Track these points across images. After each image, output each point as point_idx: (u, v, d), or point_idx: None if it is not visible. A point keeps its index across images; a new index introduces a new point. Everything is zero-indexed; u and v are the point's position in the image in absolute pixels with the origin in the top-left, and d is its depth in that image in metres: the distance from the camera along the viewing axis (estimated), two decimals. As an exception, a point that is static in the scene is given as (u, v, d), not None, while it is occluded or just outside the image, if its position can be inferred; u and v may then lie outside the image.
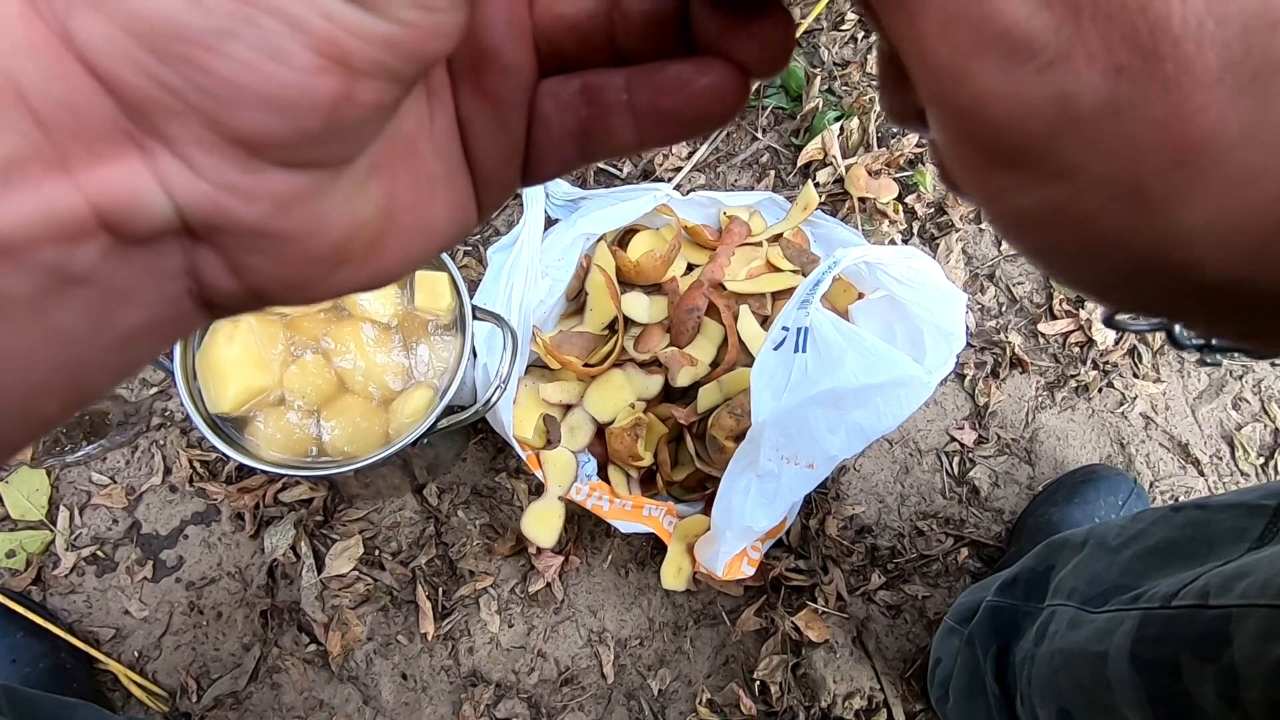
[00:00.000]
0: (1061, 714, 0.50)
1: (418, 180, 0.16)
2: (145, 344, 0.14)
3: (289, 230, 0.14)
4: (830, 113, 0.94)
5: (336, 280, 0.15)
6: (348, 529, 0.83)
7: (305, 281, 0.15)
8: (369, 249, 0.15)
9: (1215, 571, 0.42)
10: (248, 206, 0.13)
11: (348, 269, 0.15)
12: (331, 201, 0.14)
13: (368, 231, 0.15)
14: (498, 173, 0.17)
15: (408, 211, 0.16)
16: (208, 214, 0.13)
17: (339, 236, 0.15)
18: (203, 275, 0.14)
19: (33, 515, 0.81)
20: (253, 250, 0.14)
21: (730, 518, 0.68)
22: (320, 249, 0.14)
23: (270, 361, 0.64)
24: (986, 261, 0.94)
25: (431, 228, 0.16)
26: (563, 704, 0.80)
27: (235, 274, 0.14)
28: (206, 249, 0.14)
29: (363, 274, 0.16)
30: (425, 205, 0.16)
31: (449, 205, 0.17)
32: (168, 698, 0.79)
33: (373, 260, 0.16)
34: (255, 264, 0.14)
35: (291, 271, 0.14)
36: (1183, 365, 0.93)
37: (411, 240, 0.16)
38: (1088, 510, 0.80)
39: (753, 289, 0.79)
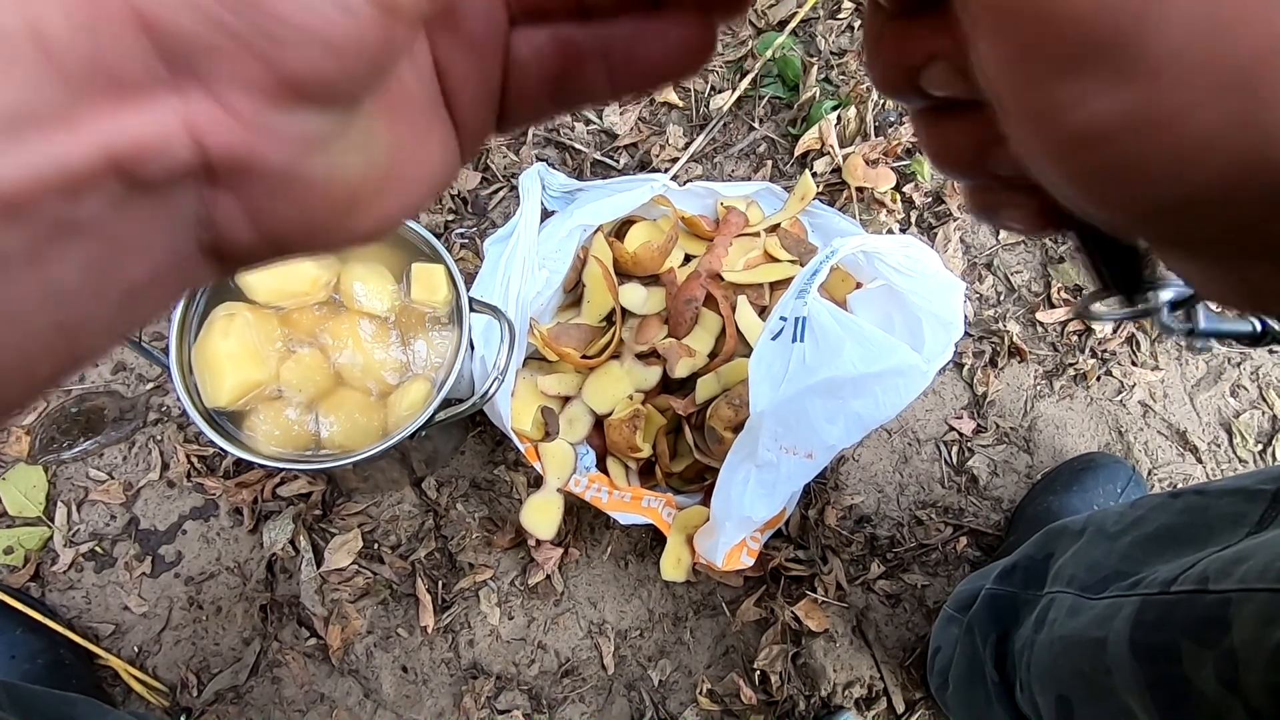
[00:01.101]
0: (1061, 701, 0.51)
1: (414, 124, 0.16)
2: (148, 299, 0.14)
3: (312, 173, 0.14)
4: (827, 102, 0.94)
5: (349, 226, 0.15)
6: (346, 523, 0.83)
7: (322, 228, 0.15)
8: (376, 193, 0.16)
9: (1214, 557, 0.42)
10: (278, 148, 0.13)
11: (359, 214, 0.15)
12: (348, 144, 0.14)
13: (377, 174, 0.15)
14: (476, 117, 0.17)
15: (408, 154, 0.16)
16: (238, 156, 0.13)
17: (355, 178, 0.15)
18: (219, 224, 0.14)
19: (30, 512, 0.81)
20: (276, 195, 0.14)
21: (729, 508, 0.68)
22: (338, 192, 0.15)
23: (267, 355, 0.63)
24: (984, 250, 0.94)
25: (428, 172, 0.17)
26: (563, 695, 0.80)
27: (254, 222, 0.14)
28: (227, 195, 0.13)
29: (370, 220, 0.16)
30: (422, 149, 0.16)
31: (441, 146, 0.17)
32: (168, 692, 0.79)
33: (379, 205, 0.16)
34: (278, 210, 0.14)
35: (311, 217, 0.14)
36: (1180, 353, 0.93)
37: (411, 185, 0.16)
38: (1086, 498, 0.80)
39: (750, 279, 0.78)
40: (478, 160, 0.93)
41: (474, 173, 0.92)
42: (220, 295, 0.64)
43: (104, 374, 0.86)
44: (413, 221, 0.67)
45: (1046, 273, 0.94)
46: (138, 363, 0.87)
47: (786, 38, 0.96)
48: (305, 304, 0.66)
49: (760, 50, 0.96)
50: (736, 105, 0.96)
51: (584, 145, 0.94)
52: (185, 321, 0.63)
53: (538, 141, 0.94)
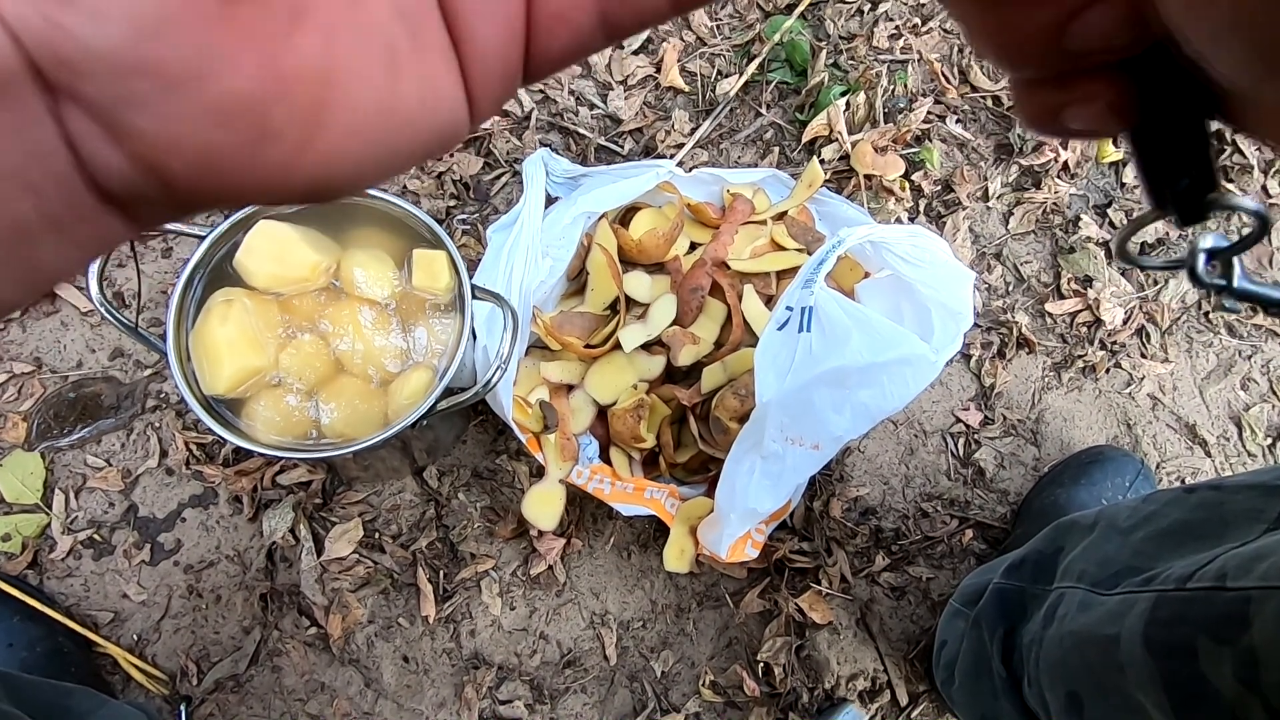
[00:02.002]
0: (1071, 697, 0.50)
1: (369, 44, 0.12)
2: (48, 245, 0.12)
3: (165, 66, 0.11)
4: (836, 87, 0.92)
5: (266, 164, 0.12)
6: (347, 512, 0.82)
7: (214, 155, 0.12)
8: (306, 124, 0.12)
9: (1232, 553, 0.41)
10: (95, 26, 0.10)
11: (279, 149, 0.12)
12: (229, 37, 0.11)
13: (299, 97, 0.12)
14: (492, 49, 0.13)
15: (359, 84, 0.12)
16: (46, 39, 0.10)
17: (247, 88, 0.11)
18: (81, 145, 0.11)
19: (28, 499, 0.81)
20: (123, 98, 0.11)
21: (734, 500, 0.67)
22: (222, 103, 0.11)
23: (266, 342, 0.62)
24: (994, 240, 0.93)
25: (397, 110, 0.13)
26: (565, 686, 0.80)
27: (116, 140, 0.11)
28: (71, 105, 0.11)
29: (306, 159, 0.12)
30: (385, 81, 0.13)
31: (422, 87, 0.13)
32: (168, 681, 0.78)
33: (316, 144, 0.12)
34: (134, 122, 0.11)
35: (189, 136, 0.11)
36: (1191, 345, 0.92)
37: (369, 121, 0.13)
38: (1094, 491, 0.79)
39: (757, 268, 0.77)
40: (480, 145, 0.92)
41: (476, 158, 0.91)
42: (218, 281, 0.63)
43: (101, 360, 0.85)
44: (413, 207, 0.65)
45: (1056, 263, 0.92)
46: (135, 349, 0.86)
47: (795, 21, 0.94)
48: (305, 290, 0.65)
49: (768, 34, 0.94)
50: (743, 90, 0.94)
51: (588, 130, 0.92)
52: (183, 307, 0.62)
53: (541, 126, 0.93)
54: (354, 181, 0.13)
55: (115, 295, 0.87)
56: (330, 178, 0.13)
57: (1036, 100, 0.16)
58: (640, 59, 0.95)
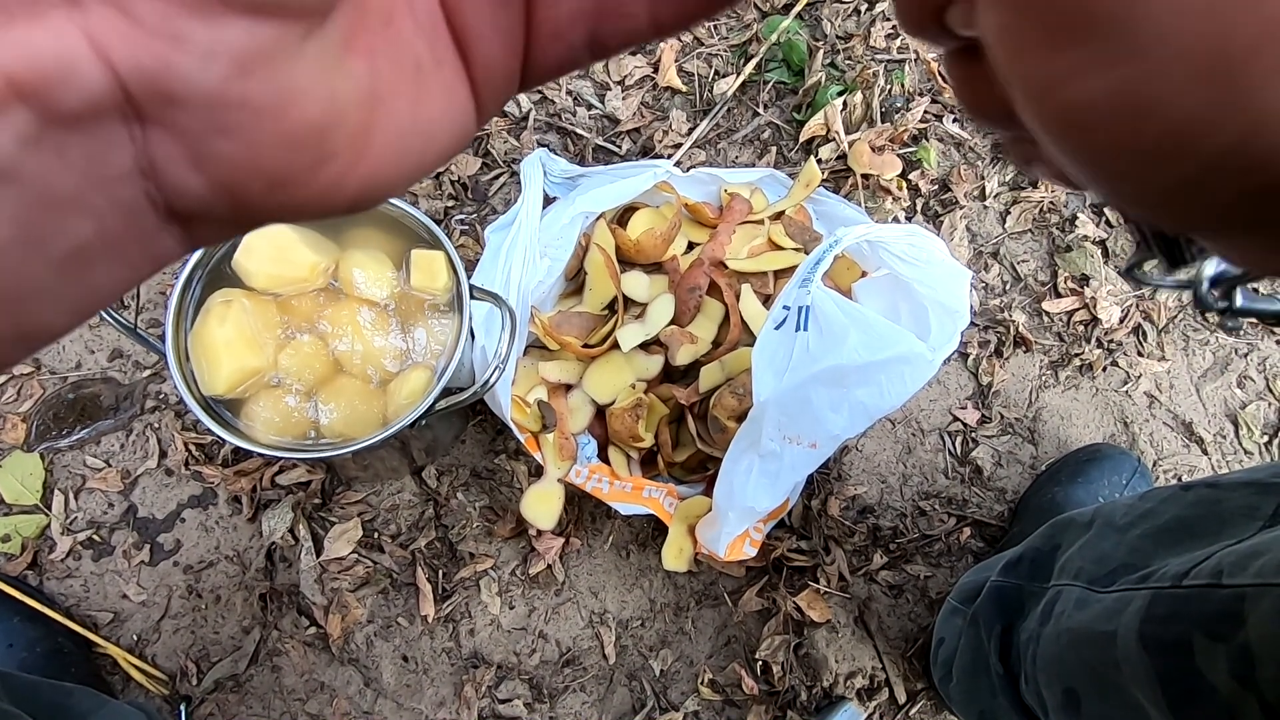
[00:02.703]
0: (1068, 694, 0.50)
1: (402, 64, 0.14)
2: (102, 266, 0.12)
3: (255, 98, 0.12)
4: (833, 87, 0.92)
5: (324, 178, 0.13)
6: (346, 512, 0.82)
7: (286, 175, 0.13)
8: (356, 142, 0.13)
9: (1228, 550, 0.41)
10: (203, 65, 0.11)
11: (335, 165, 0.13)
12: (303, 70, 0.12)
13: (352, 117, 0.13)
14: (496, 62, 0.15)
15: (397, 101, 0.14)
16: (153, 76, 0.11)
17: (317, 114, 0.13)
18: (160, 169, 0.12)
19: (27, 499, 0.81)
20: (215, 128, 0.12)
21: (732, 499, 0.67)
22: (297, 128, 0.12)
23: (264, 343, 0.63)
24: (991, 239, 0.93)
25: (428, 126, 0.15)
26: (564, 685, 0.80)
27: (199, 165, 0.12)
28: (159, 132, 0.12)
29: (355, 175, 0.14)
30: (417, 96, 0.14)
31: (444, 98, 0.15)
32: (167, 681, 0.78)
33: (364, 158, 0.14)
34: (221, 148, 0.12)
35: (267, 159, 0.12)
36: (1187, 343, 0.92)
37: (406, 138, 0.14)
38: (1091, 489, 0.79)
39: (754, 267, 0.78)
40: (477, 145, 0.92)
41: (474, 158, 0.91)
42: (217, 281, 0.63)
43: (100, 361, 0.85)
44: (411, 207, 0.66)
45: (1053, 262, 0.93)
46: (134, 349, 0.86)
47: (792, 21, 0.95)
48: (304, 290, 0.65)
49: (765, 34, 0.95)
50: (741, 90, 0.94)
51: (586, 130, 0.93)
52: (182, 308, 0.62)
53: (539, 126, 0.93)
54: (390, 191, 0.15)
55: (114, 296, 0.87)
56: (373, 190, 0.14)
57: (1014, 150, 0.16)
58: (638, 59, 0.95)
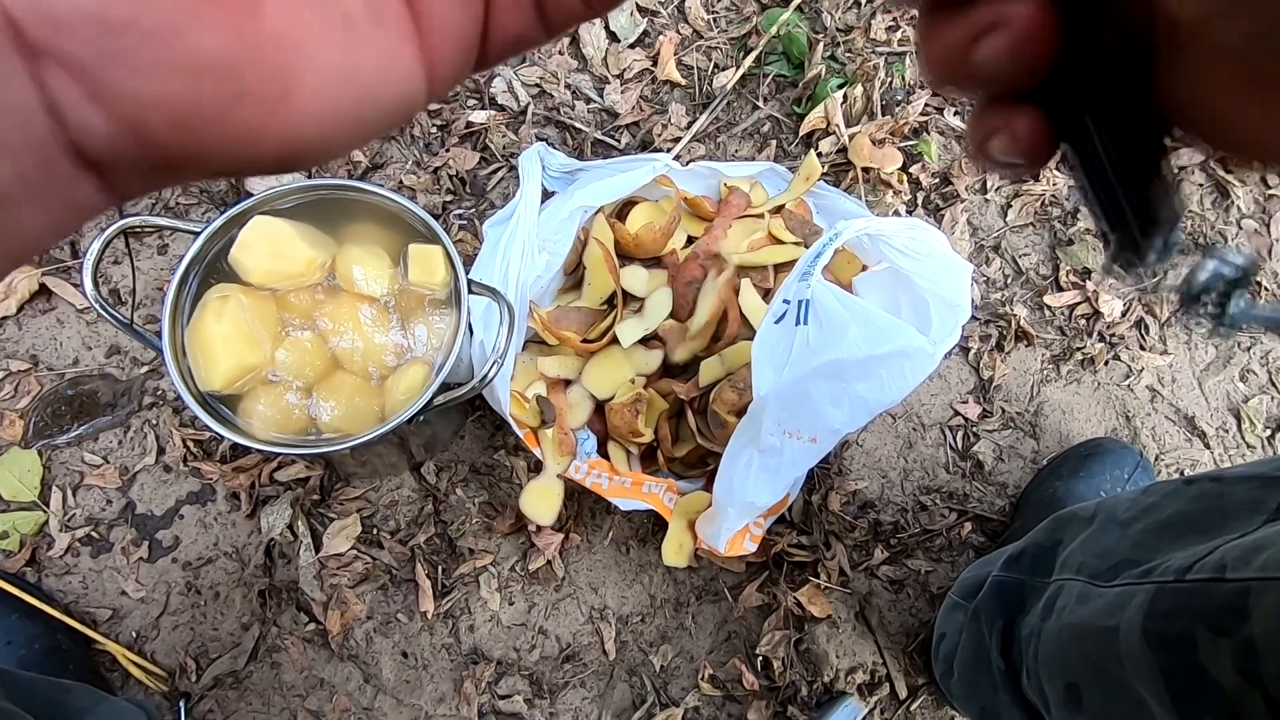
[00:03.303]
0: (1070, 689, 0.50)
1: (328, 13, 0.13)
2: (24, 211, 0.12)
3: (144, 19, 0.11)
4: (833, 80, 0.92)
5: (238, 121, 0.13)
6: (345, 508, 0.82)
7: (191, 111, 0.12)
8: (277, 86, 0.13)
9: (1232, 544, 0.41)
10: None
11: (250, 107, 0.13)
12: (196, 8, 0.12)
13: (268, 59, 0.13)
14: (452, 29, 0.15)
15: (325, 51, 0.13)
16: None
17: (220, 45, 0.12)
18: (61, 107, 0.12)
19: (25, 496, 0.80)
20: (105, 53, 0.11)
21: (732, 494, 0.67)
22: (196, 57, 0.12)
23: (261, 338, 0.62)
24: (992, 233, 0.92)
25: (359, 78, 0.14)
26: (564, 681, 0.80)
27: (96, 98, 0.12)
28: (53, 65, 0.11)
29: (275, 120, 0.13)
30: (348, 50, 0.14)
31: (382, 57, 0.14)
32: (167, 677, 0.78)
33: (285, 103, 0.13)
34: (115, 78, 0.11)
35: (167, 89, 0.12)
36: (1190, 337, 0.91)
37: (336, 92, 0.14)
38: (1093, 484, 0.79)
39: (754, 260, 0.77)
40: (476, 139, 0.92)
41: (472, 152, 0.91)
42: (214, 277, 0.63)
43: (98, 357, 0.85)
44: (409, 202, 0.65)
45: (1055, 255, 0.92)
46: (131, 346, 0.86)
47: (792, 14, 0.94)
48: (301, 286, 0.64)
49: (765, 27, 0.94)
50: (740, 83, 0.94)
51: (584, 124, 0.92)
52: (178, 303, 0.62)
53: (537, 120, 0.92)
54: (322, 147, 0.14)
55: (111, 292, 0.86)
56: (299, 140, 0.14)
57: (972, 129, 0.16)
58: (636, 52, 0.95)
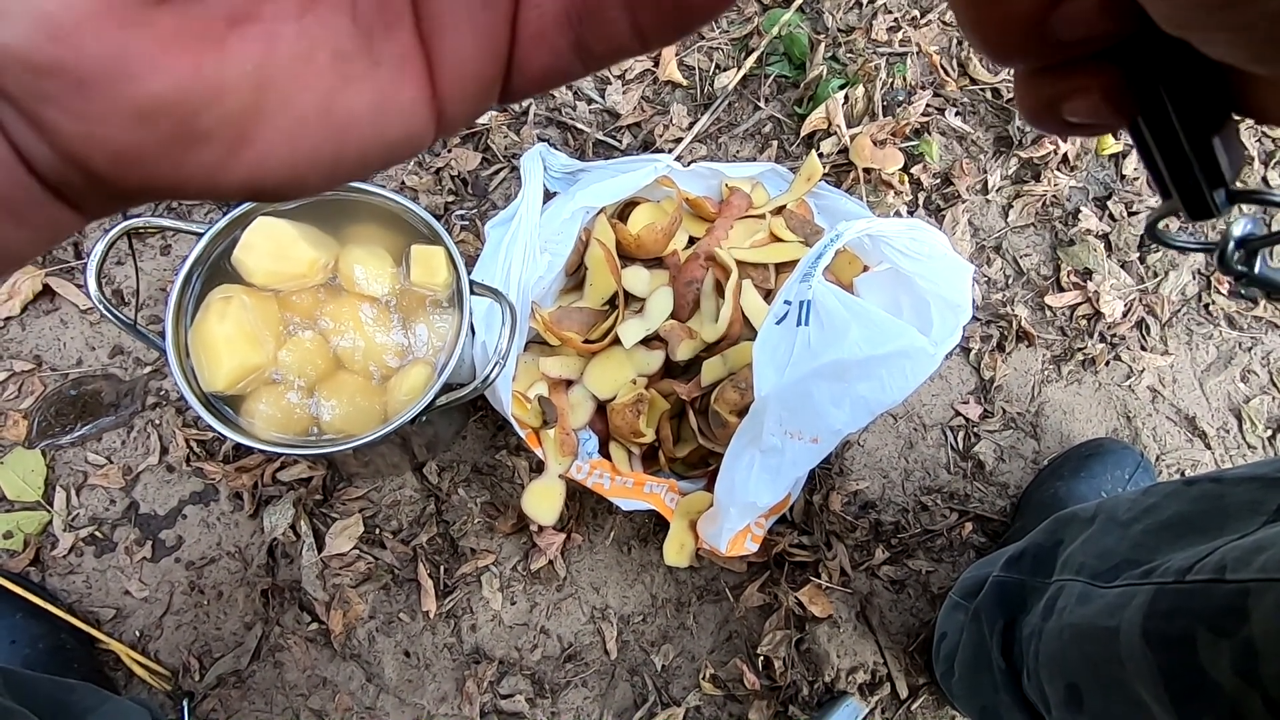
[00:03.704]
0: (1070, 689, 0.50)
1: (315, 52, 0.13)
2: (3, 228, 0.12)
3: (77, 67, 0.11)
4: (834, 81, 0.92)
5: (194, 165, 0.12)
6: (347, 508, 0.82)
7: (135, 153, 0.12)
8: (238, 130, 0.12)
9: (1232, 545, 0.41)
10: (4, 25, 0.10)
11: (208, 151, 0.12)
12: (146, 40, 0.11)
13: (231, 102, 0.12)
14: (467, 65, 0.14)
15: (299, 91, 0.13)
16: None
17: (166, 92, 0.11)
18: (11, 133, 0.11)
19: (29, 496, 0.81)
20: (40, 96, 0.11)
21: (733, 494, 0.67)
22: (138, 104, 0.11)
23: (264, 339, 0.62)
24: (993, 233, 0.92)
25: (342, 122, 0.13)
26: (566, 680, 0.80)
27: (40, 132, 0.11)
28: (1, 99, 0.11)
29: (236, 165, 0.13)
30: (329, 89, 0.13)
31: (374, 96, 0.13)
32: (170, 677, 0.79)
33: (250, 149, 0.13)
34: (53, 119, 0.11)
35: (107, 135, 0.11)
36: (1191, 337, 0.91)
37: (307, 133, 0.13)
38: (1094, 484, 0.79)
39: (756, 258, 0.77)
40: (478, 140, 0.92)
41: (474, 153, 0.91)
42: (217, 277, 0.63)
43: (101, 358, 0.85)
44: (411, 202, 0.65)
45: (1056, 256, 0.92)
46: (135, 346, 0.86)
47: (793, 14, 0.94)
48: (303, 286, 0.65)
49: (766, 27, 0.94)
50: (742, 84, 0.94)
51: (586, 125, 0.92)
52: (181, 304, 0.62)
53: (539, 121, 0.93)
54: (293, 184, 0.13)
55: (114, 293, 0.87)
56: (265, 179, 0.13)
57: (1034, 94, 0.16)
58: (638, 53, 0.95)
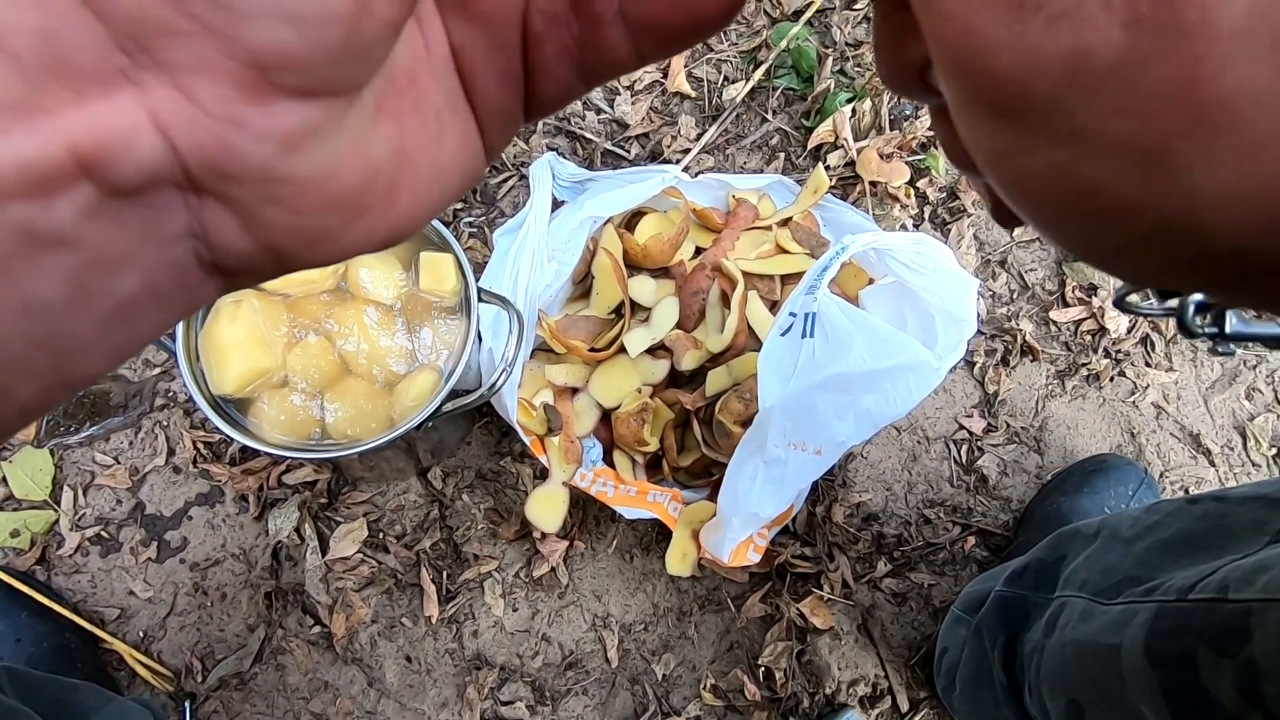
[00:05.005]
0: (1071, 705, 0.50)
1: (425, 118, 0.15)
2: (145, 316, 0.13)
3: (302, 173, 0.13)
4: (842, 94, 0.92)
5: (356, 233, 0.14)
6: (352, 512, 0.83)
7: (324, 235, 0.14)
8: (386, 196, 0.15)
9: (1234, 565, 0.41)
10: (256, 144, 0.12)
11: (367, 219, 0.14)
12: (343, 140, 0.13)
13: (384, 175, 0.14)
14: (500, 103, 0.16)
15: (420, 152, 0.15)
16: (211, 154, 0.12)
17: (355, 180, 0.14)
18: (211, 233, 0.13)
19: (36, 495, 0.81)
20: (265, 198, 0.13)
21: (737, 504, 0.67)
22: (337, 194, 0.13)
23: (273, 343, 0.63)
24: (998, 247, 0.93)
25: (444, 170, 0.16)
26: (567, 688, 0.80)
27: (248, 229, 0.13)
28: (212, 201, 0.12)
29: (382, 225, 0.15)
30: (436, 145, 0.15)
31: (459, 144, 0.16)
32: (173, 678, 0.79)
33: (391, 209, 0.15)
34: (269, 215, 0.13)
35: (309, 223, 0.13)
36: (1195, 354, 0.91)
37: (426, 185, 0.15)
38: (1097, 500, 0.79)
39: (762, 270, 0.78)
40: (487, 149, 0.92)
41: (483, 161, 0.92)
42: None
43: (111, 359, 0.86)
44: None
45: (1061, 271, 0.93)
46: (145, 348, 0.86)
47: (801, 28, 0.95)
48: (312, 291, 0.65)
49: (774, 40, 0.95)
50: (749, 96, 0.95)
51: (595, 135, 0.93)
52: (192, 308, 0.62)
53: (548, 130, 0.93)
54: (411, 231, 0.16)
55: (125, 294, 0.87)
56: (398, 234, 0.15)
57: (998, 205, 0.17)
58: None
